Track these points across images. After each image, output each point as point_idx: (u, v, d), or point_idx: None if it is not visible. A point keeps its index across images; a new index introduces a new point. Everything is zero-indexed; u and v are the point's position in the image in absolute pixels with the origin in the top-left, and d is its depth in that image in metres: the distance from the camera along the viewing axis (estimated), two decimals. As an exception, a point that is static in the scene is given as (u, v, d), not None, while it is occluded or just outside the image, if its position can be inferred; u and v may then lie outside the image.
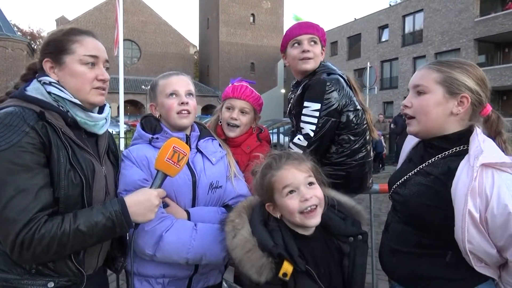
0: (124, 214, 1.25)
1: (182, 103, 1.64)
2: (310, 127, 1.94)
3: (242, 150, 1.96)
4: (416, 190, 1.34)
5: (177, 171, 1.38)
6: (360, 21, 31.72)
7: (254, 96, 2.00)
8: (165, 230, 1.51)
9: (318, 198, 1.30)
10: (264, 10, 45.31)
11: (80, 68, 1.35)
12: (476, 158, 1.18)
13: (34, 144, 1.20)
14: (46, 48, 1.38)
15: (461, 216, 1.16)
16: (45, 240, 1.15)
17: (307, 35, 2.05)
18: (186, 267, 1.62)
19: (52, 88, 1.32)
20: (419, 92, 1.36)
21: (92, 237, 1.22)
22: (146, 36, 43.57)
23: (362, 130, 2.05)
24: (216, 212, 1.68)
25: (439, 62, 1.38)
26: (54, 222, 1.18)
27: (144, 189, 1.36)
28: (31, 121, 1.21)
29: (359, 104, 2.08)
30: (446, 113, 1.32)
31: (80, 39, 1.37)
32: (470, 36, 23.58)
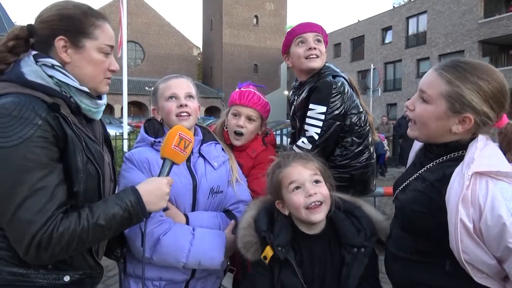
0: (139, 204, 1.22)
1: (181, 105, 1.64)
2: (315, 130, 1.92)
3: (247, 154, 1.94)
4: (411, 196, 1.30)
5: (183, 158, 1.38)
6: (363, 23, 31.68)
7: (262, 103, 1.95)
8: (162, 233, 1.51)
9: (323, 195, 1.36)
10: (268, 12, 45.35)
11: (98, 56, 1.27)
12: (467, 167, 1.12)
13: (47, 138, 1.11)
14: (59, 24, 1.21)
15: (454, 225, 1.10)
16: (64, 239, 1.09)
17: (312, 33, 2.02)
18: (183, 271, 1.61)
19: (56, 72, 1.20)
20: (423, 98, 1.28)
21: (110, 230, 1.18)
22: (150, 38, 43.70)
23: (365, 132, 2.04)
24: (216, 217, 1.68)
25: (454, 67, 1.24)
26: (71, 218, 1.11)
27: (153, 178, 1.33)
28: (43, 113, 1.11)
29: (361, 106, 2.07)
30: (446, 129, 1.25)
31: (101, 24, 1.27)
32: (474, 38, 23.49)
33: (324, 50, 2.05)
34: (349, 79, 2.11)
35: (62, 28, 1.21)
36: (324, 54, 2.04)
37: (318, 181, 1.39)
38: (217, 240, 1.58)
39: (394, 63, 29.22)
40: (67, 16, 1.22)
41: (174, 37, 45.31)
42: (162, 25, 44.65)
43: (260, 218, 1.44)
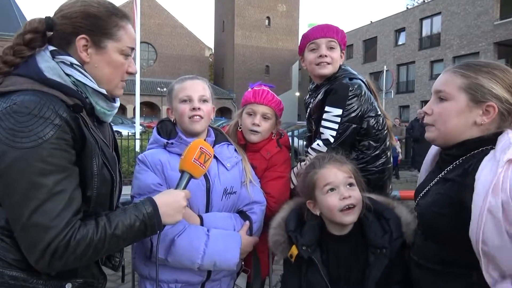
0: (156, 216, 1.18)
1: (194, 108, 1.63)
2: (330, 132, 1.90)
3: (262, 155, 1.93)
4: (431, 199, 1.27)
5: (202, 172, 1.36)
6: (376, 24, 31.44)
7: (276, 101, 1.95)
8: (177, 235, 1.51)
9: (356, 198, 1.39)
10: (280, 13, 45.33)
11: (119, 58, 1.23)
12: (503, 152, 1.08)
13: (66, 140, 1.07)
14: (82, 22, 1.16)
15: (479, 213, 1.06)
16: (81, 248, 1.04)
17: (325, 39, 2.00)
18: (199, 273, 1.61)
19: (75, 72, 1.15)
20: (441, 98, 1.26)
21: (125, 241, 1.15)
22: (162, 39, 44.06)
23: (383, 136, 2.01)
24: (230, 218, 1.68)
25: (466, 65, 1.25)
26: (89, 227, 1.07)
27: (171, 190, 1.31)
28: (63, 113, 1.07)
29: (379, 109, 2.04)
30: (469, 123, 1.21)
31: (124, 25, 1.23)
32: (490, 39, 23.11)
33: (338, 56, 2.01)
34: (366, 82, 2.09)
35: (85, 27, 1.16)
36: (337, 61, 2.01)
37: (352, 184, 1.42)
38: (232, 241, 1.58)
39: (407, 65, 28.92)
40: (91, 15, 1.17)
41: (186, 38, 45.59)
42: (175, 26, 44.97)
43: (290, 218, 1.49)
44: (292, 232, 1.44)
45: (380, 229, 1.40)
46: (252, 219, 1.72)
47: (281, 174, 1.91)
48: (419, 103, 26.96)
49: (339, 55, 2.03)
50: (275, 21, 45.34)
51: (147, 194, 1.52)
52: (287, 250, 1.45)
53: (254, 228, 1.72)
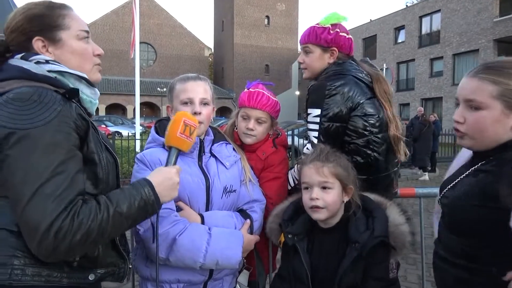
0: (154, 194, 1.18)
1: (195, 113, 1.61)
2: (313, 134, 1.85)
3: (258, 156, 1.91)
4: (462, 190, 1.26)
5: (190, 144, 1.36)
6: (375, 22, 31.41)
7: (271, 104, 1.91)
8: (178, 234, 1.50)
9: (325, 202, 1.46)
10: (279, 12, 45.29)
11: (80, 44, 1.24)
12: None
13: (68, 124, 1.08)
14: (29, 26, 1.19)
15: None
16: (84, 226, 1.02)
17: (301, 45, 2.03)
18: (201, 272, 1.60)
19: (53, 66, 1.17)
20: (472, 106, 1.22)
21: (128, 219, 1.13)
22: (162, 39, 44.03)
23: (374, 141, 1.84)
24: (231, 216, 1.67)
25: (491, 68, 1.22)
26: (91, 206, 1.05)
27: (162, 168, 1.28)
28: (61, 100, 1.09)
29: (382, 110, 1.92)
30: (506, 129, 1.19)
31: (67, 12, 1.24)
32: (490, 36, 23.08)
33: (314, 59, 1.97)
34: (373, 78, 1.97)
35: (34, 28, 1.19)
36: (313, 64, 1.98)
37: (326, 187, 1.48)
38: (234, 239, 1.57)
39: (407, 62, 28.90)
40: (34, 16, 1.20)
41: (185, 38, 45.56)
42: (174, 26, 44.94)
43: (287, 209, 1.60)
44: (283, 221, 1.56)
45: (363, 226, 1.46)
46: (252, 218, 1.72)
47: (277, 174, 1.90)
48: (419, 101, 26.95)
49: (318, 57, 1.96)
50: (275, 20, 45.30)
51: None
52: (279, 237, 1.59)
53: (255, 227, 1.72)
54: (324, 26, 1.96)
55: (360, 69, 1.98)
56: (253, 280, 1.85)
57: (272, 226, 1.61)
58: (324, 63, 1.98)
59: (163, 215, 1.51)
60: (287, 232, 1.51)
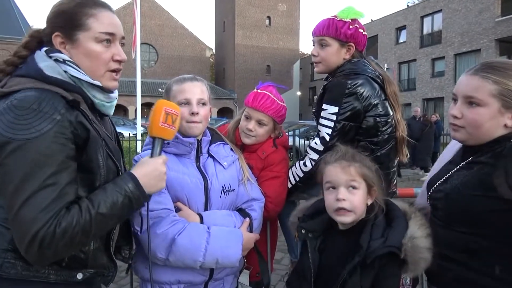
0: (139, 189, 1.19)
1: (193, 113, 1.61)
2: (326, 130, 1.86)
3: (258, 155, 1.91)
4: (458, 181, 1.30)
5: (173, 133, 1.36)
6: (377, 22, 31.37)
7: (274, 108, 1.89)
8: (177, 233, 1.50)
9: (352, 204, 1.37)
10: (280, 12, 45.27)
11: (96, 47, 1.22)
12: None
13: (65, 134, 1.09)
14: (55, 20, 1.22)
15: None
16: (68, 234, 1.05)
17: (317, 37, 1.96)
18: (201, 272, 1.61)
19: (69, 68, 1.18)
20: (471, 103, 1.28)
21: (112, 218, 1.15)
22: (163, 40, 44.06)
23: (385, 139, 1.92)
24: (230, 215, 1.68)
25: (492, 68, 1.28)
26: (73, 212, 1.07)
27: (147, 159, 1.28)
28: (62, 109, 1.10)
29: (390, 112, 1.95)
30: (500, 125, 1.26)
31: (95, 12, 1.22)
32: (491, 36, 23.02)
33: (330, 53, 1.93)
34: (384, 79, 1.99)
35: (57, 24, 1.22)
36: (329, 58, 1.94)
37: (354, 187, 1.39)
38: (234, 238, 1.57)
39: (408, 62, 28.85)
40: (61, 12, 1.22)
41: (187, 38, 45.60)
42: (175, 27, 44.98)
43: (311, 205, 1.56)
44: (303, 216, 1.52)
45: (379, 233, 1.36)
46: (252, 216, 1.72)
47: (277, 174, 1.91)
48: (421, 101, 26.89)
49: (335, 51, 1.94)
50: (276, 21, 45.28)
51: None
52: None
53: (255, 225, 1.73)
54: (344, 20, 1.93)
55: (373, 69, 1.99)
56: (254, 280, 1.85)
57: (293, 220, 1.58)
58: (339, 59, 1.96)
59: (161, 215, 1.52)
60: (301, 227, 1.48)
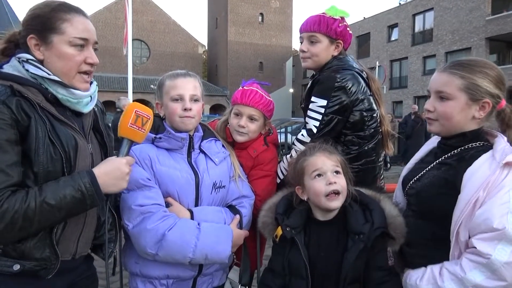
0: (94, 185, 1.20)
1: (186, 109, 1.62)
2: (314, 123, 1.89)
3: (248, 153, 1.92)
4: (428, 181, 1.44)
5: (142, 136, 1.38)
6: (369, 20, 31.49)
7: (264, 102, 1.91)
8: (167, 229, 1.51)
9: (341, 185, 1.47)
10: (273, 9, 45.21)
11: (69, 50, 1.28)
12: (504, 155, 1.25)
13: (4, 119, 1.14)
14: (31, 23, 1.29)
15: (467, 202, 1.25)
16: (8, 215, 1.09)
17: (307, 33, 1.98)
18: (190, 268, 1.62)
19: (30, 66, 1.25)
20: (441, 97, 1.41)
21: (60, 210, 1.17)
22: (155, 36, 43.75)
23: (371, 133, 1.98)
24: (220, 211, 1.69)
25: (460, 65, 1.41)
26: (18, 196, 1.12)
27: (112, 158, 1.32)
28: (2, 96, 1.16)
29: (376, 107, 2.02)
30: (468, 118, 1.39)
31: (70, 17, 1.28)
32: (482, 35, 23.25)
33: (320, 49, 1.96)
34: (368, 75, 2.05)
35: (32, 27, 1.28)
36: (319, 54, 1.97)
37: (339, 172, 1.50)
38: (223, 234, 1.59)
39: (400, 60, 29.02)
40: (36, 15, 1.28)
41: (179, 35, 45.34)
42: (168, 23, 44.70)
43: (280, 203, 1.59)
44: (279, 215, 1.54)
45: (362, 218, 1.47)
46: (242, 213, 1.73)
47: (267, 173, 1.92)
48: (412, 99, 27.09)
49: (325, 47, 1.97)
50: (269, 18, 45.22)
51: (136, 190, 1.54)
52: (274, 231, 1.56)
53: (244, 222, 1.74)
54: (334, 18, 1.97)
55: (359, 65, 2.05)
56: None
57: (265, 220, 1.60)
58: (328, 55, 2.00)
59: (152, 211, 1.52)
60: (285, 225, 1.50)
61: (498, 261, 1.17)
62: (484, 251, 1.20)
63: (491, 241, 1.20)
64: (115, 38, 39.78)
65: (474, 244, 1.22)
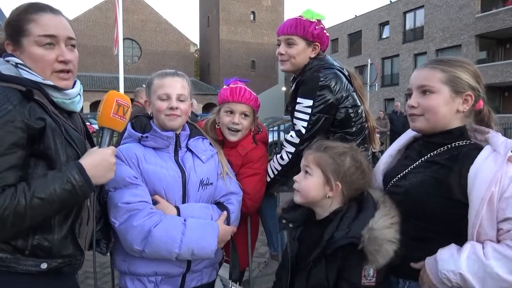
0: (84, 176, 1.21)
1: (171, 108, 1.63)
2: (302, 123, 1.92)
3: (238, 151, 1.94)
4: (417, 180, 1.39)
5: (123, 124, 1.38)
6: (360, 18, 31.63)
7: (253, 99, 1.96)
8: (153, 225, 1.51)
9: (299, 186, 1.47)
10: (264, 7, 45.21)
11: (37, 50, 1.26)
12: (507, 148, 1.24)
13: (14, 123, 1.15)
14: (6, 30, 1.30)
15: (481, 200, 1.21)
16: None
17: (284, 36, 2.01)
18: (178, 264, 1.62)
19: (21, 71, 1.26)
20: (424, 91, 1.39)
21: (52, 204, 1.16)
22: (147, 35, 43.51)
23: (358, 129, 2.02)
24: (207, 208, 1.69)
25: (440, 61, 1.42)
26: (7, 193, 1.11)
27: (96, 149, 1.30)
28: (15, 100, 1.16)
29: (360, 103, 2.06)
30: (453, 111, 1.38)
31: (36, 17, 1.26)
32: (471, 32, 23.48)
33: (298, 51, 1.98)
34: (349, 73, 2.09)
35: (7, 33, 1.30)
36: (297, 55, 1.99)
37: (307, 172, 1.48)
38: (209, 229, 1.59)
39: (391, 58, 29.20)
40: (8, 21, 1.30)
41: (171, 34, 45.14)
42: (159, 22, 44.46)
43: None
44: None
45: (346, 224, 1.36)
46: (229, 210, 1.74)
47: (256, 171, 1.94)
48: (404, 96, 27.26)
49: (302, 49, 1.99)
50: (260, 16, 45.20)
51: (123, 188, 1.54)
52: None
53: (232, 218, 1.75)
54: (311, 20, 1.99)
55: (339, 63, 2.08)
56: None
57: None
58: (306, 57, 2.03)
59: (138, 208, 1.53)
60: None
61: None
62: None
63: None
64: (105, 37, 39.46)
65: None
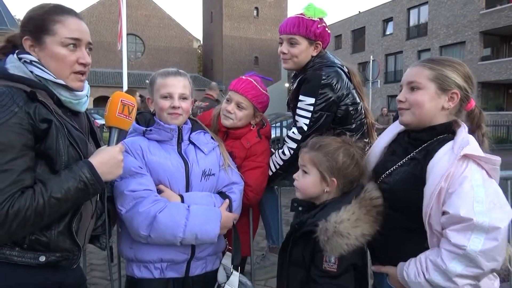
0: (94, 175, 1.26)
1: (174, 107, 1.69)
2: (304, 120, 1.97)
3: (242, 144, 1.99)
4: (399, 177, 1.48)
5: (130, 123, 1.44)
6: (364, 14, 31.49)
7: (254, 94, 1.98)
8: (158, 211, 1.58)
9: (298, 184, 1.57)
10: (268, 3, 45.04)
11: (61, 50, 1.32)
12: (460, 147, 1.32)
13: (22, 124, 1.18)
14: (26, 25, 1.34)
15: (431, 193, 1.31)
16: (20, 215, 1.14)
17: (286, 35, 2.03)
18: (183, 251, 1.69)
19: (34, 68, 1.29)
20: (413, 88, 1.47)
21: (67, 202, 1.23)
22: (150, 31, 43.48)
23: (357, 126, 2.07)
24: (210, 196, 1.76)
25: (431, 60, 1.50)
26: (27, 195, 1.16)
27: (105, 148, 1.37)
28: (20, 102, 1.20)
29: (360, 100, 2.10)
30: (438, 108, 1.45)
31: (62, 19, 1.33)
32: (476, 29, 23.36)
33: (300, 50, 2.01)
34: (349, 71, 2.13)
35: (27, 28, 1.33)
36: (299, 54, 2.02)
37: (304, 171, 1.57)
38: (212, 214, 1.67)
39: (395, 54, 29.09)
40: (31, 17, 1.33)
41: (174, 29, 45.07)
42: (162, 18, 44.40)
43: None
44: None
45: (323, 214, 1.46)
46: (231, 198, 1.81)
47: (259, 164, 2.00)
48: (407, 93, 27.20)
49: (304, 49, 2.02)
50: (264, 12, 45.06)
51: (129, 177, 1.62)
52: None
53: (234, 206, 1.81)
54: (313, 19, 2.01)
55: (339, 61, 2.12)
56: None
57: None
58: (308, 56, 2.07)
59: (143, 196, 1.60)
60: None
61: (473, 251, 1.23)
62: (460, 243, 1.24)
63: (464, 232, 1.24)
64: (109, 32, 39.51)
65: (449, 237, 1.27)
